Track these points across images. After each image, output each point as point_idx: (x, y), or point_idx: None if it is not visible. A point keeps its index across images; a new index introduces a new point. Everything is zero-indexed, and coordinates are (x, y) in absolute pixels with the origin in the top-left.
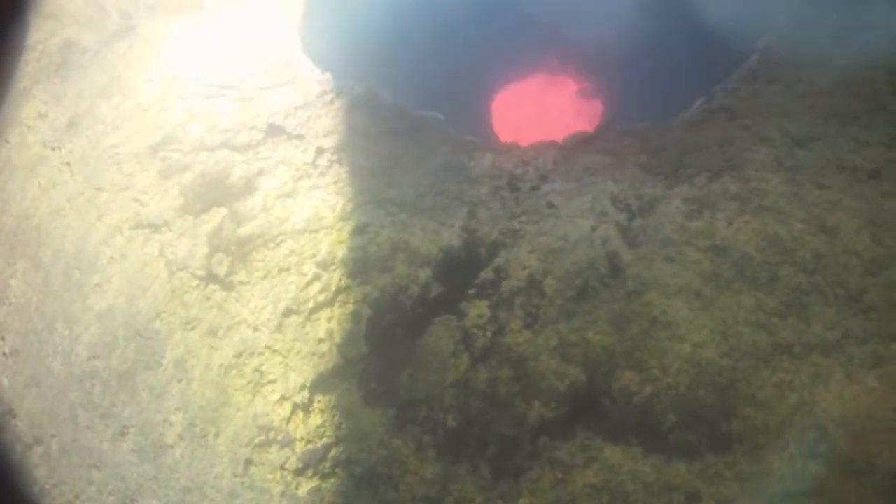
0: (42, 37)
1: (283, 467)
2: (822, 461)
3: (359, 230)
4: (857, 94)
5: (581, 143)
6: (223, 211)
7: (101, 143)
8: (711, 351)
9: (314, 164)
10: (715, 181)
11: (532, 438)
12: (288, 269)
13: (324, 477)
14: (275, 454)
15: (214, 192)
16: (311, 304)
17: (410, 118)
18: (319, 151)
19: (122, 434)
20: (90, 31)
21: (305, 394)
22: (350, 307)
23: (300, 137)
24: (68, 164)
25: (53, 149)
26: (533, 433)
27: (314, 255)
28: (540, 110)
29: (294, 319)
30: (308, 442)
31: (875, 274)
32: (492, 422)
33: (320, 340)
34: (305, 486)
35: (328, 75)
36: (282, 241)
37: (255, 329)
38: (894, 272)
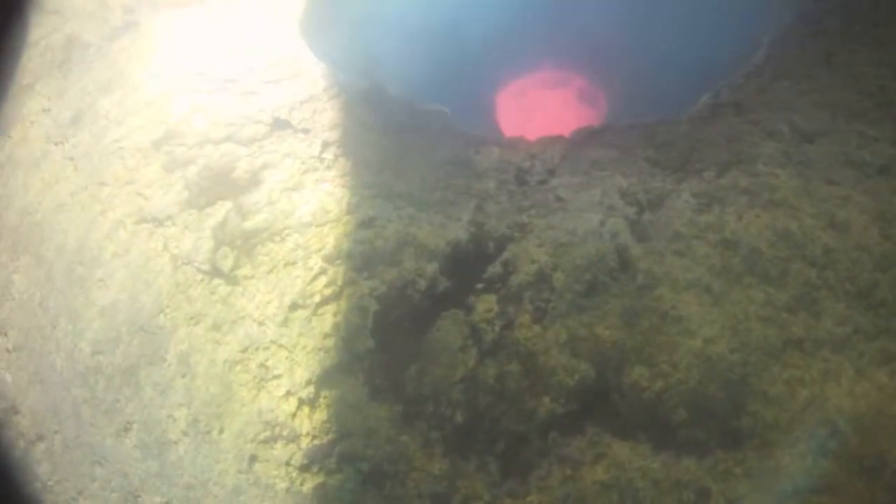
0: (45, 33)
1: (288, 463)
2: (833, 458)
3: (365, 224)
4: (864, 90)
5: (588, 137)
6: (228, 205)
7: (104, 137)
8: (722, 346)
9: (320, 158)
10: (724, 175)
11: (541, 434)
12: (294, 263)
13: (329, 473)
14: (280, 450)
15: (219, 186)
16: (317, 299)
17: (416, 112)
18: (325, 145)
19: (126, 430)
20: (93, 26)
21: (311, 389)
22: (356, 301)
23: (306, 131)
24: (71, 159)
25: (56, 144)
26: (542, 429)
27: (320, 249)
28: (544, 106)
29: (300, 314)
30: (314, 438)
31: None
32: (500, 417)
33: (326, 335)
34: (311, 483)
35: (333, 69)
36: (287, 234)
37: (261, 324)
38: None
